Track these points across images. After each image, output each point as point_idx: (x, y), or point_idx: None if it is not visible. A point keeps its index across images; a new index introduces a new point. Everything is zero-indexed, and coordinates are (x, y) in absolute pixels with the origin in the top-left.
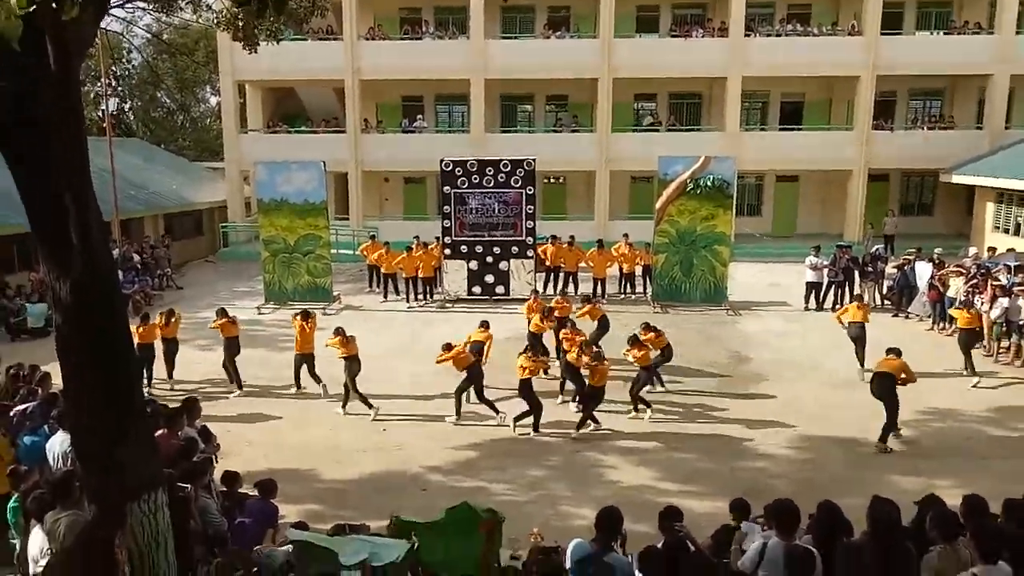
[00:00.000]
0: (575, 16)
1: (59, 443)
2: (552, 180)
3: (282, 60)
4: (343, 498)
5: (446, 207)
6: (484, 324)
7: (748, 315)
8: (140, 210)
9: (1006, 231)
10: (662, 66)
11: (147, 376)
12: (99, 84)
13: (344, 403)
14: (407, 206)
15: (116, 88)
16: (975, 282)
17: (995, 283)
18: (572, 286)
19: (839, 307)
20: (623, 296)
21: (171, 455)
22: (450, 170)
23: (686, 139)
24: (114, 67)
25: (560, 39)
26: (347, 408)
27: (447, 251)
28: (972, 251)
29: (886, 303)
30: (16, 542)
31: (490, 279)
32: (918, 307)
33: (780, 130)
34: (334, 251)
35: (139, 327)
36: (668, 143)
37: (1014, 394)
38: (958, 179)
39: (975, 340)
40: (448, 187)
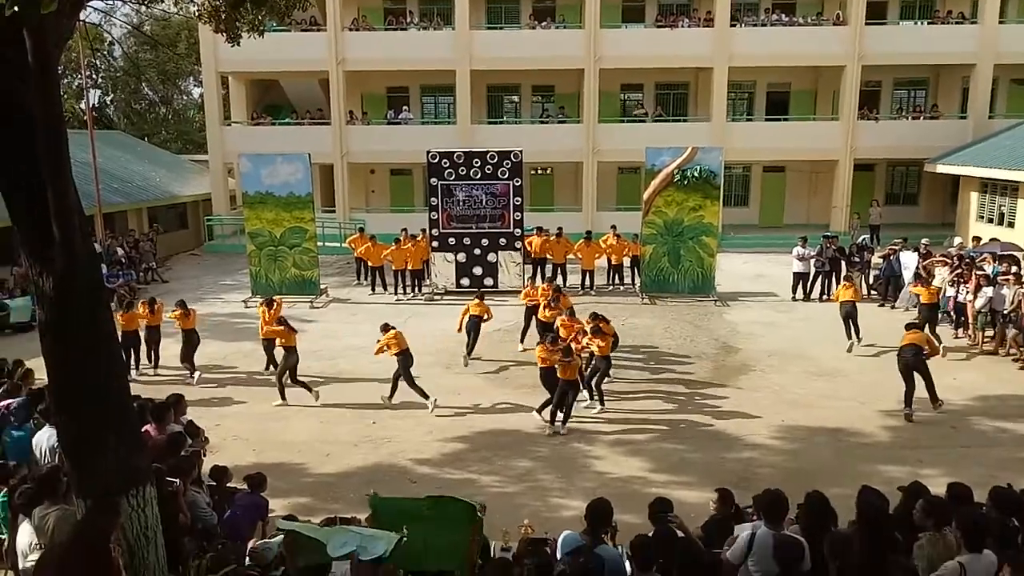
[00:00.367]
0: (560, 6)
1: (46, 438)
2: (539, 171)
3: (265, 51)
4: (333, 491)
5: (433, 199)
6: (480, 297)
7: (736, 306)
8: (123, 204)
9: (990, 220)
10: (648, 56)
11: (135, 363)
12: (79, 76)
13: (281, 393)
14: (394, 198)
15: (97, 81)
16: (960, 271)
17: (979, 272)
18: (561, 278)
19: (826, 297)
20: (611, 288)
21: (159, 450)
22: (436, 162)
23: (673, 130)
24: (95, 59)
25: (546, 29)
26: (285, 398)
27: (434, 243)
28: (957, 241)
29: (872, 293)
30: (4, 537)
31: (478, 271)
32: (904, 299)
33: (766, 120)
34: (320, 244)
35: (122, 314)
36: (655, 134)
37: (998, 383)
38: (942, 169)
39: (935, 315)
40: (435, 179)
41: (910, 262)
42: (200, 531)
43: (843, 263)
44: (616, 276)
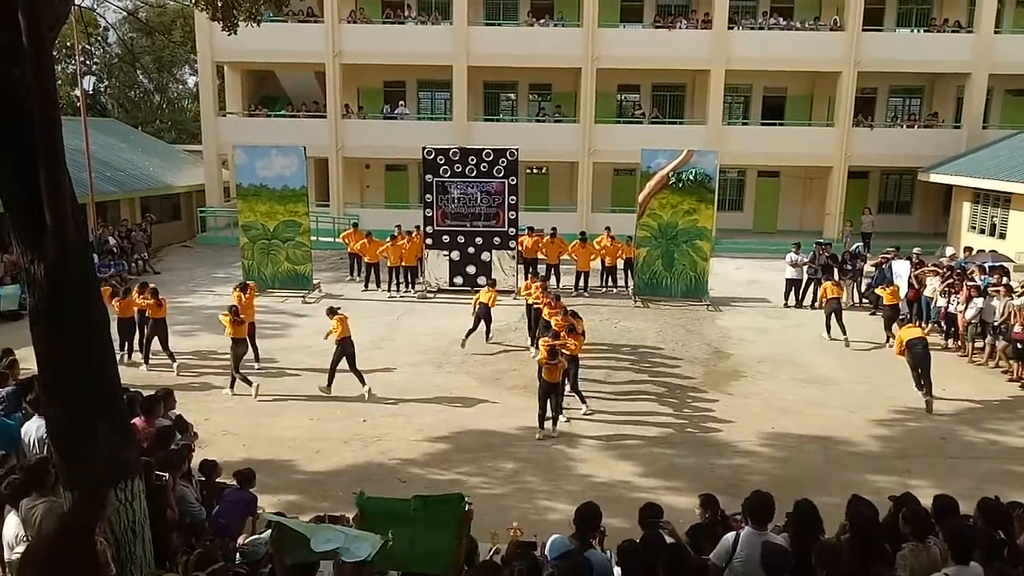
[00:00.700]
0: (559, 4)
1: (35, 428)
2: (534, 171)
3: (262, 42)
4: (323, 489)
5: (428, 196)
6: (492, 283)
7: (728, 311)
8: (116, 193)
9: (982, 231)
10: (646, 57)
11: (127, 349)
12: (73, 62)
13: (231, 384)
14: (389, 194)
15: (92, 67)
16: (951, 282)
17: (970, 283)
18: (554, 278)
19: (817, 305)
20: (604, 290)
21: (148, 443)
22: (432, 158)
23: (669, 132)
24: (89, 45)
25: (544, 27)
26: (234, 389)
27: (428, 241)
28: (949, 251)
29: (864, 301)
30: None
31: (472, 270)
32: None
33: (762, 125)
34: (314, 238)
35: (117, 301)
36: (651, 135)
37: (987, 394)
38: (936, 178)
39: (895, 315)
40: (430, 175)
41: (903, 271)
42: (188, 526)
43: (835, 270)
44: (609, 278)
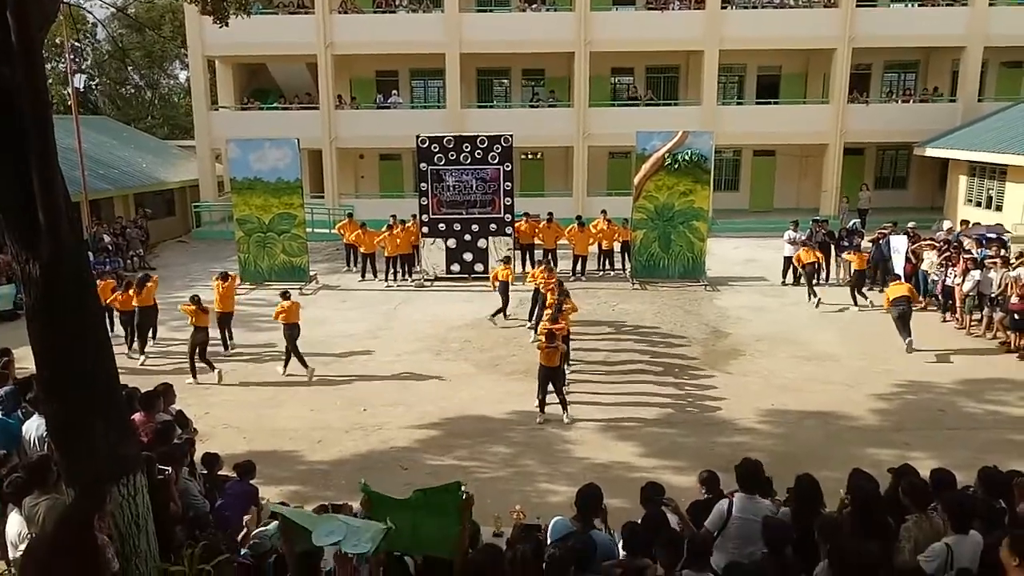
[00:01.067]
0: None
1: (35, 427)
2: (529, 156)
3: (253, 35)
4: (326, 479)
5: (423, 184)
6: (506, 260)
7: (726, 290)
8: (109, 190)
9: (978, 204)
10: (639, 39)
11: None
12: (63, 60)
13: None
14: (383, 183)
15: (83, 65)
16: (948, 255)
17: (967, 256)
18: (552, 263)
19: (815, 281)
20: (602, 273)
21: (149, 438)
22: (426, 147)
23: (663, 113)
24: (79, 42)
25: (536, 12)
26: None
27: (424, 229)
28: (946, 224)
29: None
30: None
31: (468, 257)
32: None
33: (757, 104)
34: (309, 230)
35: (120, 294)
36: (645, 118)
37: (985, 367)
38: (931, 152)
39: (863, 280)
40: (424, 164)
41: (900, 246)
42: (192, 519)
43: (832, 247)
44: (606, 261)
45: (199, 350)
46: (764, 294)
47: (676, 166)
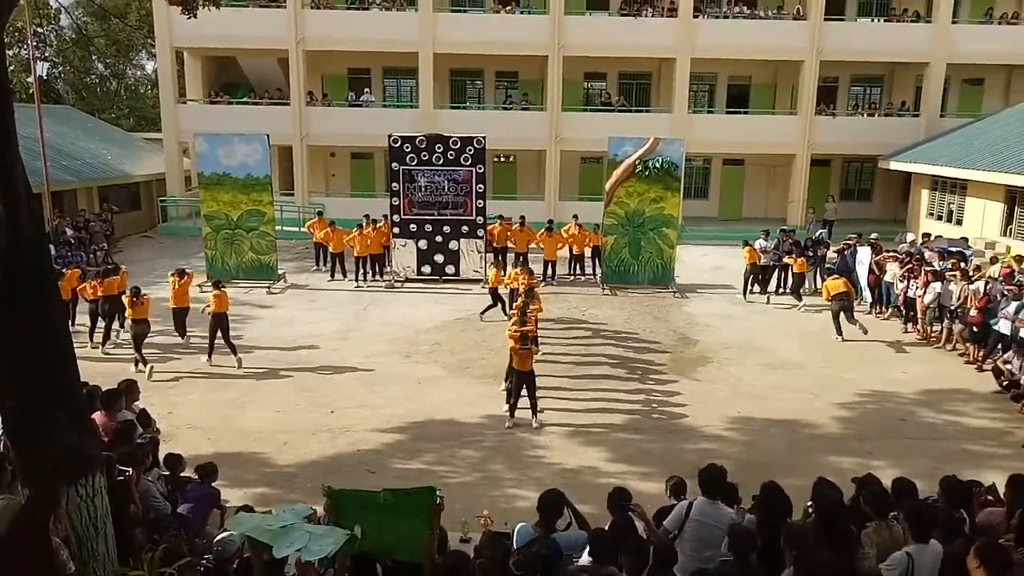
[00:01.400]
0: None
1: None
2: (502, 159)
3: (223, 27)
4: (292, 481)
5: (394, 184)
6: (524, 265)
7: (695, 297)
8: (72, 182)
9: (939, 218)
10: (612, 45)
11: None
12: (24, 47)
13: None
14: (354, 182)
15: (45, 52)
16: (910, 267)
17: (928, 268)
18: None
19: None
20: (573, 278)
21: (109, 438)
22: (398, 146)
23: (635, 120)
24: (41, 28)
25: (510, 14)
26: (143, 365)
27: (395, 230)
28: (910, 237)
29: None
30: None
31: (439, 259)
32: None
33: (727, 113)
34: (279, 228)
35: (91, 284)
36: (617, 123)
37: (945, 378)
38: (895, 165)
39: (803, 282)
40: (396, 164)
41: (865, 257)
42: (152, 522)
43: (797, 257)
44: (577, 266)
45: (135, 341)
46: (732, 302)
47: (647, 173)
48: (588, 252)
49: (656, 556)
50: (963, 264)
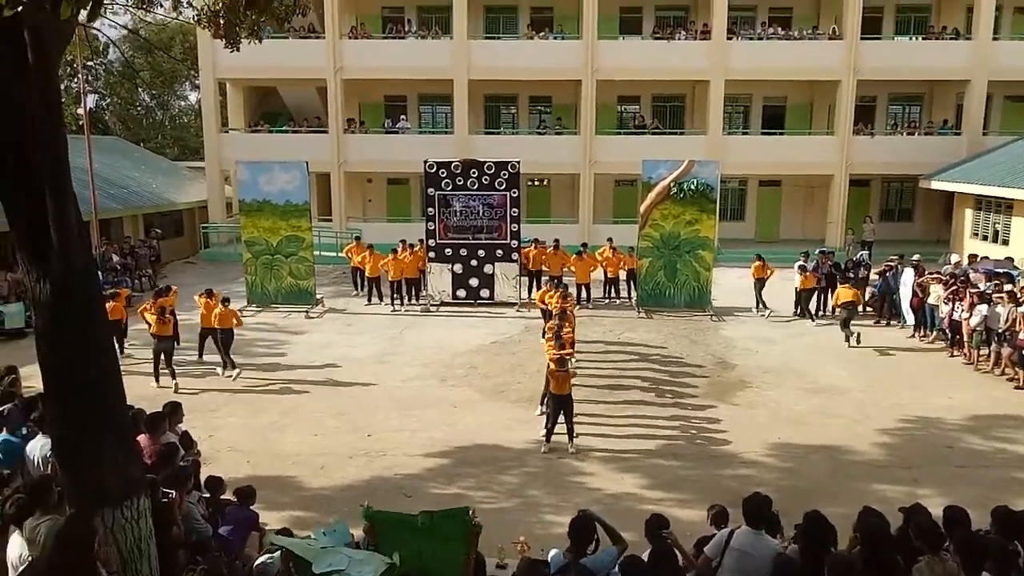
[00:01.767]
0: (558, 17)
1: (39, 447)
2: (536, 183)
3: (263, 58)
4: (329, 505)
5: (430, 209)
6: (562, 286)
7: (732, 320)
8: (119, 210)
9: (984, 238)
10: (645, 68)
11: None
12: (76, 80)
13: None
14: (391, 208)
15: (96, 85)
16: (955, 289)
17: (973, 290)
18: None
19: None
20: (608, 301)
21: (152, 460)
22: (434, 172)
23: (669, 142)
24: (93, 62)
25: (543, 40)
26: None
27: (431, 254)
28: (954, 258)
29: (868, 309)
30: None
31: (474, 283)
32: (906, 316)
33: (762, 134)
34: (317, 253)
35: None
36: (651, 146)
37: (993, 403)
38: (937, 185)
39: (810, 296)
40: (432, 189)
41: (907, 279)
42: (194, 543)
43: (838, 279)
44: (612, 289)
45: (164, 358)
46: (770, 325)
47: (682, 195)
48: (623, 275)
49: None
50: (1010, 285)
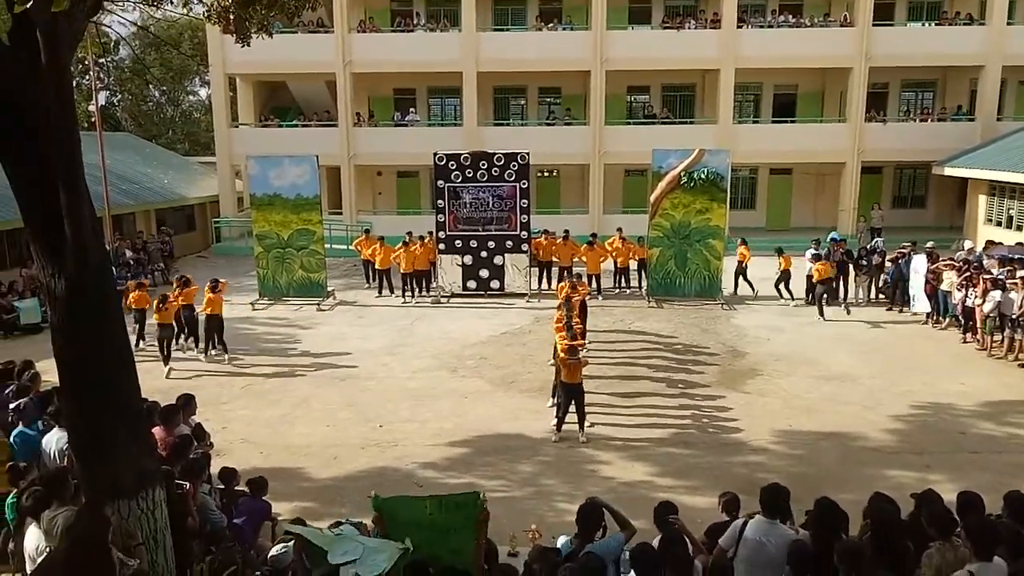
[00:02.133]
0: (567, 7)
1: (55, 440)
2: (545, 174)
3: (273, 53)
4: (341, 495)
5: (440, 201)
6: (577, 278)
7: (743, 309)
8: (131, 205)
9: (998, 224)
10: (655, 58)
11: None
12: (87, 77)
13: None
14: (400, 200)
15: (107, 82)
16: (968, 275)
17: (987, 276)
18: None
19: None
20: (618, 291)
21: (167, 452)
22: (443, 164)
23: (680, 132)
24: (103, 59)
25: (552, 31)
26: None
27: (441, 246)
28: (967, 244)
29: (880, 296)
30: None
31: (485, 274)
32: (918, 304)
33: (773, 122)
34: (328, 246)
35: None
36: (661, 136)
37: (1006, 389)
38: (950, 171)
39: (788, 278)
40: (442, 181)
41: (920, 266)
42: (209, 534)
43: (851, 266)
44: (623, 279)
45: (165, 343)
46: (781, 313)
47: (692, 184)
48: (633, 265)
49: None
50: (1022, 272)
